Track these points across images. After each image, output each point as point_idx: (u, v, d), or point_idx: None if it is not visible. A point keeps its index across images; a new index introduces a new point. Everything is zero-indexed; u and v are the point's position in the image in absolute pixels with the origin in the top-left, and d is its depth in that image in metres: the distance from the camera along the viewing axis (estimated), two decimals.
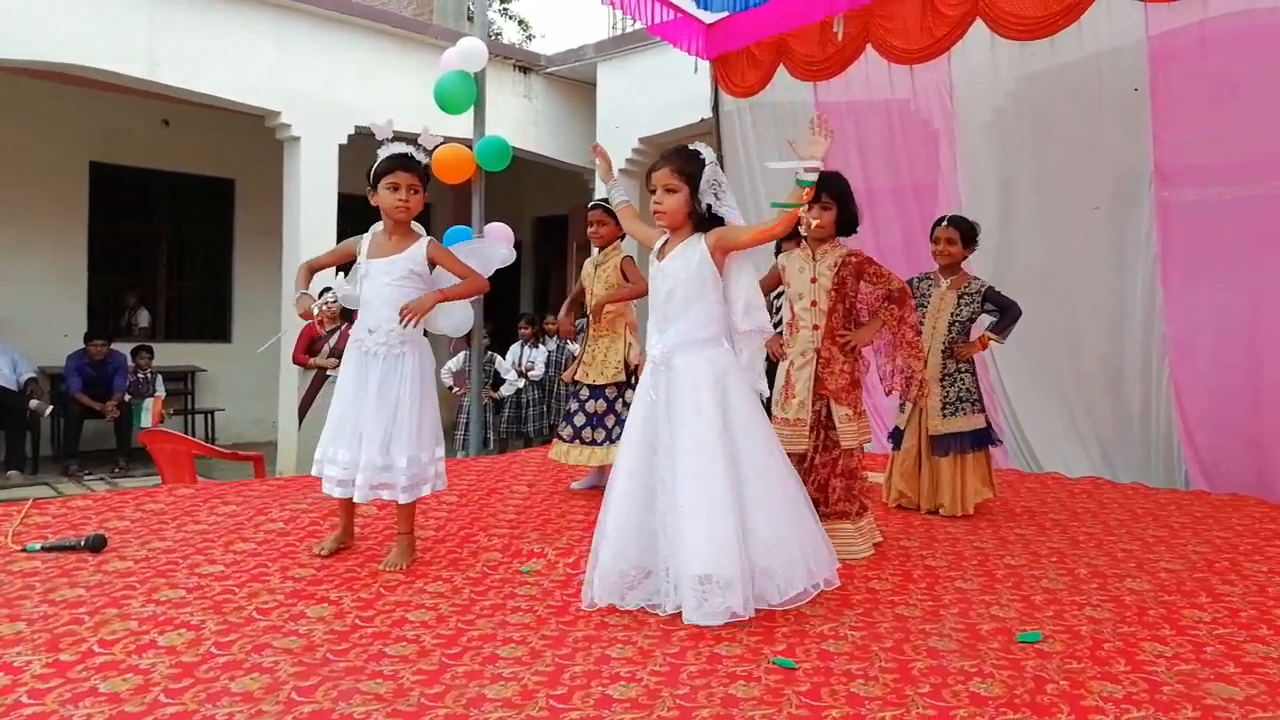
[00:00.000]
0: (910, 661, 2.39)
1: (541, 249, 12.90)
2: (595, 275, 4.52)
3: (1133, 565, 3.37)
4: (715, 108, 7.52)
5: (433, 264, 3.21)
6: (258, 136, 8.59)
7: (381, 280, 3.16)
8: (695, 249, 2.87)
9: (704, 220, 2.89)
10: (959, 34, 5.48)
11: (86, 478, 8.14)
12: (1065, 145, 5.51)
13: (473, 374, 7.06)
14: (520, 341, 8.72)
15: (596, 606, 2.78)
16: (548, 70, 9.78)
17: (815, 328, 3.54)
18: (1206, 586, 3.11)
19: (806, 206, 2.79)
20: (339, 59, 8.31)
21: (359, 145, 8.38)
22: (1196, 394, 5.02)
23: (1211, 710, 2.12)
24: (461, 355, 7.67)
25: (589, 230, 4.72)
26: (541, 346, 8.76)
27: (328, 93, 8.15)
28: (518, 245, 4.85)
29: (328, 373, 7.33)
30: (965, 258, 4.36)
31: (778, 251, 4.28)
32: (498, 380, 8.34)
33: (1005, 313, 4.27)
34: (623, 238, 4.53)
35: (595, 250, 4.70)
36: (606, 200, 4.97)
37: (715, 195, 2.87)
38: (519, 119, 9.51)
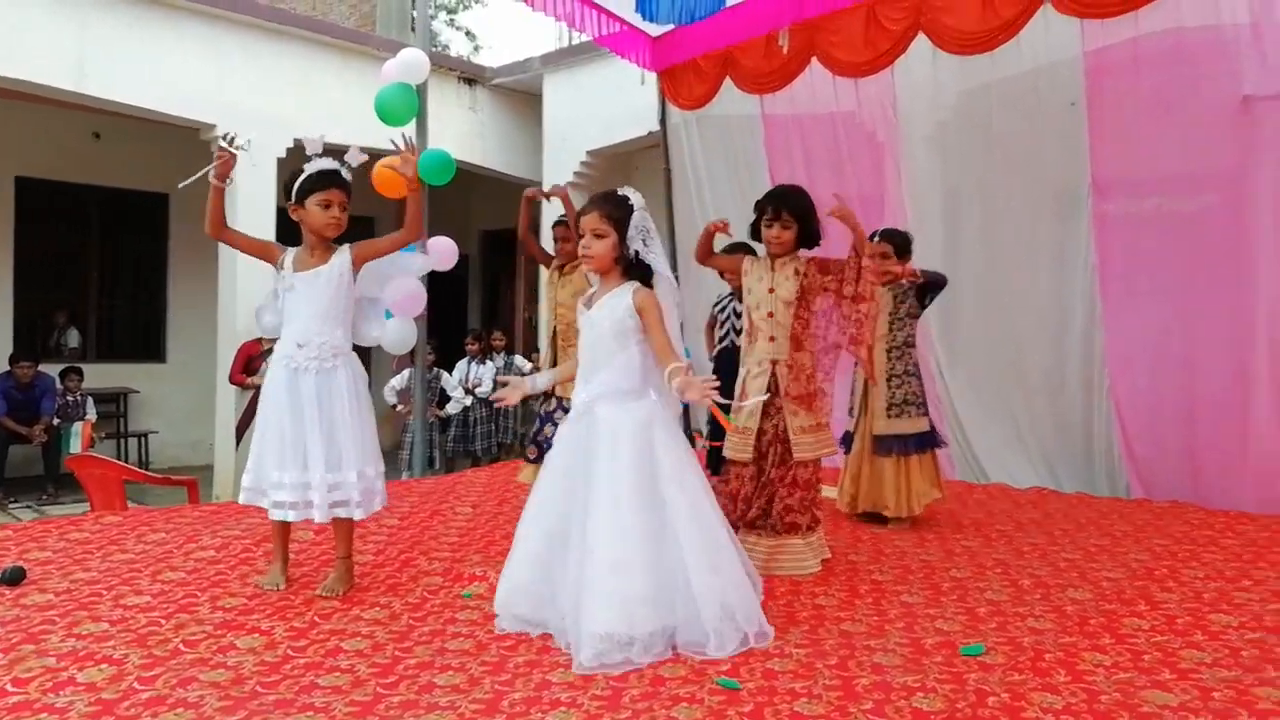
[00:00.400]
0: (855, 678, 2.37)
1: (490, 263, 12.77)
2: (560, 283, 4.50)
3: (1075, 575, 3.40)
4: (663, 120, 7.51)
5: (358, 265, 3.17)
6: (192, 150, 8.36)
7: (308, 292, 3.10)
8: (622, 300, 2.81)
9: (632, 266, 2.85)
10: (902, 48, 5.55)
11: (12, 506, 7.82)
12: (1007, 158, 5.61)
13: (416, 392, 6.94)
14: (467, 358, 8.61)
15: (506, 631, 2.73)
16: (493, 82, 9.71)
17: (772, 339, 3.52)
18: (1146, 594, 3.14)
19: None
20: (276, 71, 8.14)
21: (298, 159, 8.24)
22: (1134, 405, 5.12)
23: (1147, 717, 2.13)
24: (405, 373, 7.54)
25: (555, 246, 4.72)
26: (489, 363, 8.65)
27: (265, 105, 7.97)
28: (465, 259, 4.80)
29: None
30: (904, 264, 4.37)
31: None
32: (443, 398, 8.21)
33: (937, 285, 4.36)
34: None
35: (555, 272, 4.72)
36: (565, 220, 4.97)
37: (643, 241, 2.84)
38: (464, 131, 9.41)
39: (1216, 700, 2.25)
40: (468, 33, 20.88)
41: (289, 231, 3.43)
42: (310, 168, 3.14)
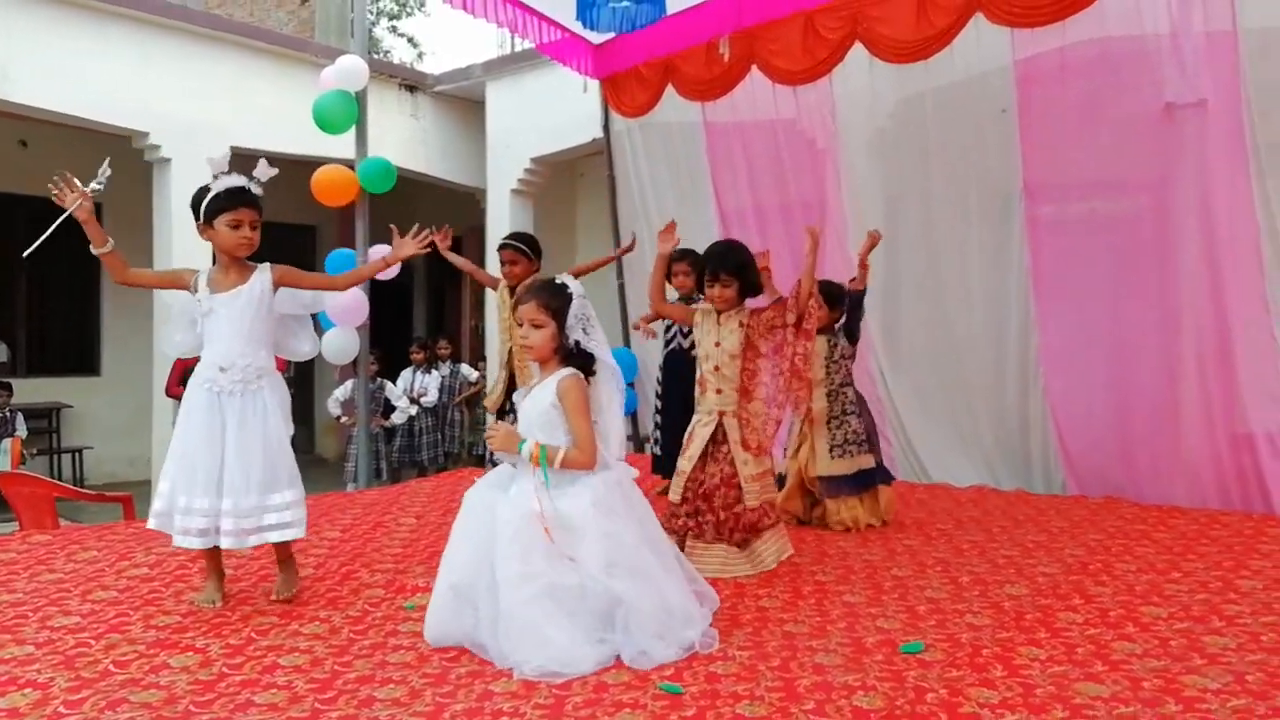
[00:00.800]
0: (796, 679, 2.39)
1: (435, 272, 12.66)
2: (510, 303, 4.49)
3: (1012, 571, 3.47)
4: (606, 127, 7.54)
5: (277, 287, 3.10)
6: (125, 158, 8.15)
7: (228, 314, 3.01)
8: (547, 391, 2.79)
9: (572, 355, 2.83)
10: (839, 57, 5.64)
11: None
12: (944, 164, 5.71)
13: (360, 402, 6.85)
14: (412, 367, 8.52)
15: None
16: (436, 89, 9.64)
17: (719, 390, 3.61)
18: (1080, 589, 3.22)
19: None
20: (211, 77, 7.99)
21: (234, 167, 8.08)
22: (1069, 403, 5.24)
23: (1079, 709, 2.18)
24: (349, 384, 7.43)
25: (502, 269, 4.71)
26: (435, 372, 8.57)
27: (199, 113, 7.81)
28: (409, 267, 4.70)
29: None
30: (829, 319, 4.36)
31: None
32: (388, 408, 8.11)
33: (857, 305, 4.41)
34: (537, 273, 4.59)
35: (506, 292, 4.72)
36: (515, 239, 4.96)
37: (584, 330, 2.83)
38: (406, 139, 9.33)
39: (1146, 690, 2.31)
40: (410, 39, 20.71)
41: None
42: (216, 186, 3.03)
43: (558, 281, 2.89)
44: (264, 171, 3.16)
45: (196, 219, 3.07)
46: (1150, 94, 4.84)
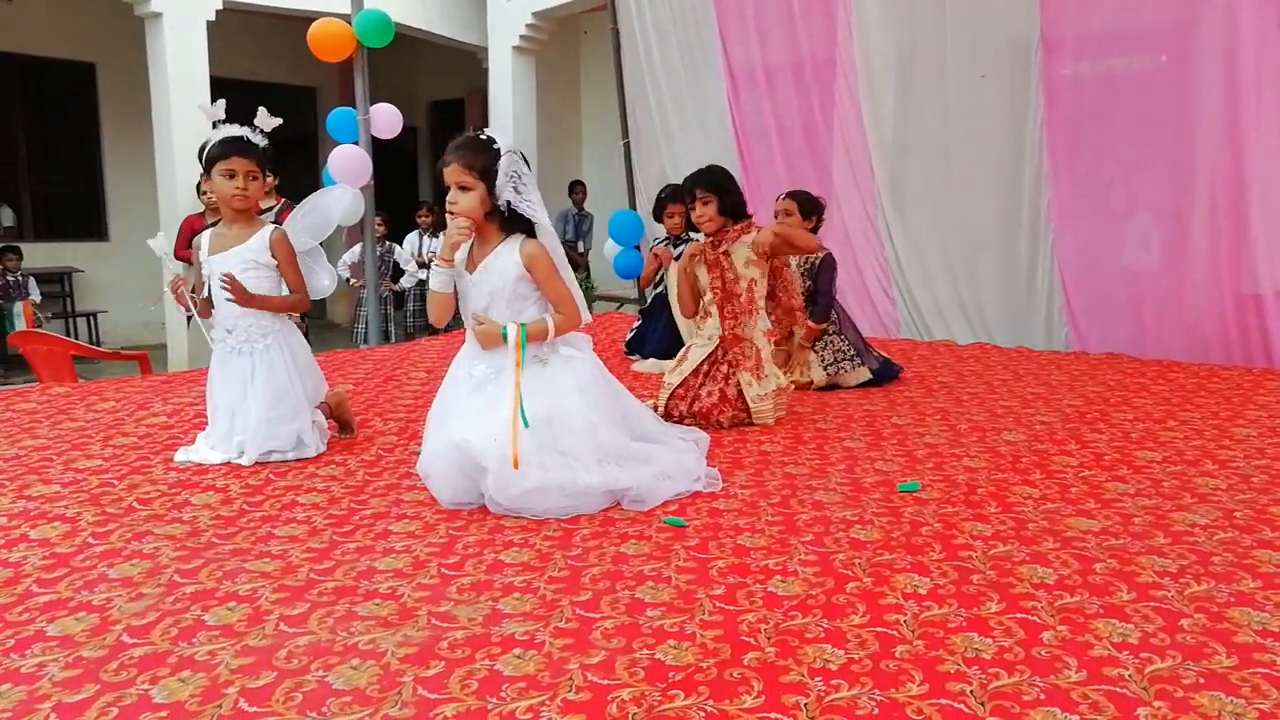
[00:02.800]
0: (795, 514, 2.48)
1: (439, 134, 12.43)
2: None
3: (1010, 420, 3.53)
4: None
5: (273, 252, 3.04)
6: (116, 15, 7.95)
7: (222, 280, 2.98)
8: (508, 259, 2.63)
9: (507, 221, 2.64)
10: None
11: None
12: (958, 13, 5.50)
13: (368, 265, 6.87)
14: (419, 230, 8.46)
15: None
16: None
17: (722, 317, 3.61)
18: (1077, 435, 3.29)
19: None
20: None
21: (228, 22, 7.83)
22: (1078, 259, 5.21)
23: (1070, 541, 2.26)
24: (357, 247, 7.41)
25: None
26: (441, 235, 8.51)
27: None
28: (411, 130, 4.54)
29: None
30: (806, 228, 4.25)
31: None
32: (397, 272, 8.11)
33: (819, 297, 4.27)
34: None
35: None
36: None
37: (515, 189, 2.59)
38: None
39: (1136, 525, 2.38)
40: None
41: (229, 102, 3.27)
42: (215, 135, 2.97)
43: (482, 136, 2.63)
44: (266, 121, 3.07)
45: (202, 172, 3.08)
46: None
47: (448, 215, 2.64)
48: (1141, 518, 2.44)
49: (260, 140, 3.03)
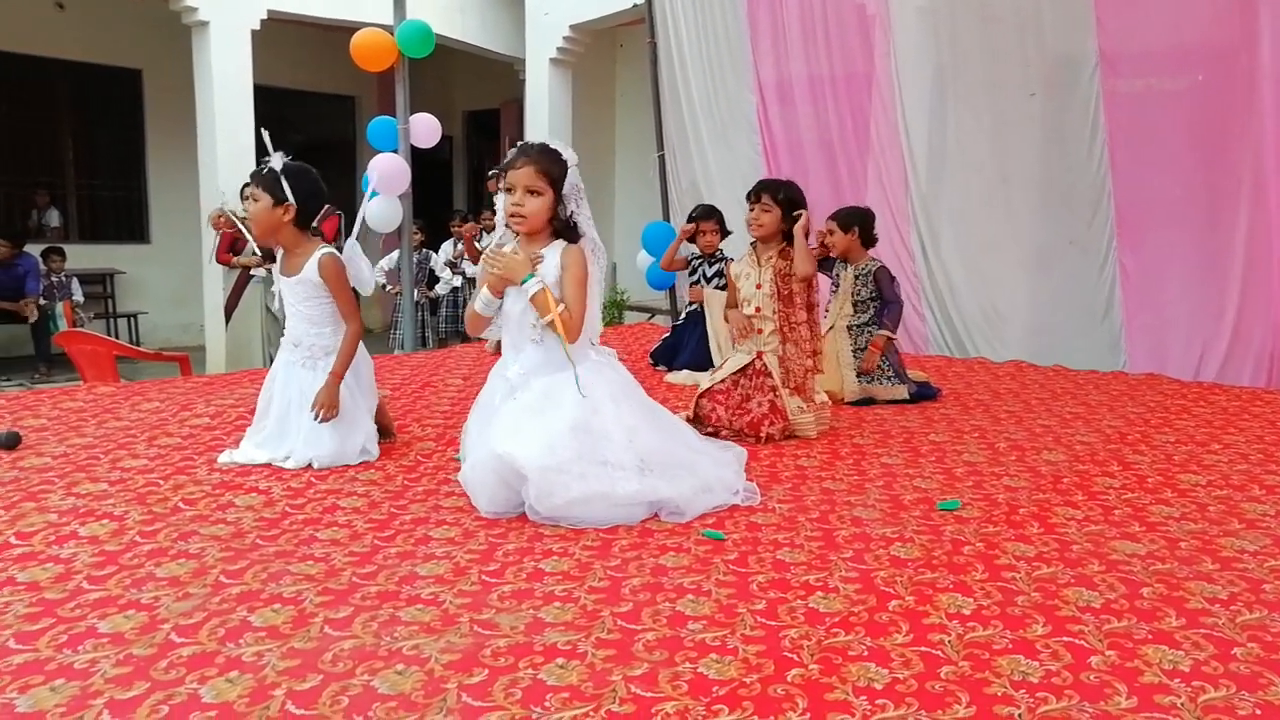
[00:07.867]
0: (835, 530, 2.46)
1: (474, 144, 12.55)
2: None
3: (1050, 439, 3.49)
4: None
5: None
6: (163, 23, 8.10)
7: (290, 298, 3.18)
8: (552, 263, 2.68)
9: (563, 229, 2.70)
10: None
11: (4, 385, 7.86)
12: (1003, 29, 5.47)
13: (404, 271, 6.93)
14: (454, 239, 8.54)
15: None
16: None
17: (760, 331, 3.61)
18: (1118, 456, 3.24)
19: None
20: None
21: (271, 31, 7.95)
22: (1141, 281, 5.13)
23: (1115, 564, 2.23)
24: (394, 254, 7.49)
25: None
26: (486, 237, 8.59)
27: None
28: (446, 139, 4.55)
29: (251, 271, 7.10)
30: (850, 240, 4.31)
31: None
32: (433, 278, 8.18)
33: (889, 306, 4.27)
34: None
35: None
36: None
37: (576, 203, 2.69)
38: (445, 5, 9.09)
39: (1183, 550, 2.35)
40: None
41: (271, 109, 3.35)
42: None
43: (553, 147, 2.69)
44: (276, 162, 3.12)
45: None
46: None
47: (509, 216, 2.67)
48: (1188, 542, 2.40)
49: (278, 164, 3.09)
